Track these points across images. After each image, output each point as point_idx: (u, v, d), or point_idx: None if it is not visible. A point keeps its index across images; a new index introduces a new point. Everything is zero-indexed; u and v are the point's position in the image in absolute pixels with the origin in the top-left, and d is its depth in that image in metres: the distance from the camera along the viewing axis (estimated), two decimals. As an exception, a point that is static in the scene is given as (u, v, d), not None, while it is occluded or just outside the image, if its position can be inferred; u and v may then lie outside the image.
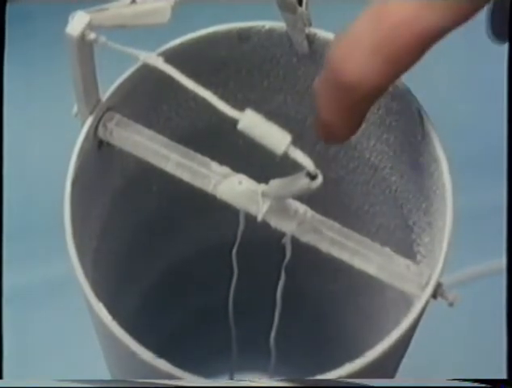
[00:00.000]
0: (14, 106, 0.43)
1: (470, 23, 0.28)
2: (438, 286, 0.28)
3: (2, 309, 0.40)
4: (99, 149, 0.31)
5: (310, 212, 0.29)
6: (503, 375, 0.40)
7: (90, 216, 0.32)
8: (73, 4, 0.29)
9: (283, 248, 0.31)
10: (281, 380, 0.27)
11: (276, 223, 0.29)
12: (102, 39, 0.27)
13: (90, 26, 0.27)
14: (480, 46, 0.60)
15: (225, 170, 0.29)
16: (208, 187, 0.29)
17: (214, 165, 0.30)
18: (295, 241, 0.29)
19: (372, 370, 0.26)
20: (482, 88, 0.59)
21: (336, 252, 0.29)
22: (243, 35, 0.32)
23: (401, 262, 0.28)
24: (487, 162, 0.53)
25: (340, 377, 0.26)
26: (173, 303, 0.45)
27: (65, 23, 0.27)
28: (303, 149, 0.26)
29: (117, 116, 0.30)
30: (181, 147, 0.30)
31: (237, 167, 0.29)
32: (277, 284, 0.34)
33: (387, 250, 0.29)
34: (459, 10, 0.25)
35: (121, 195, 0.34)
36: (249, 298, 0.40)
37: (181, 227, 0.41)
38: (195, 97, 0.26)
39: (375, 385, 0.28)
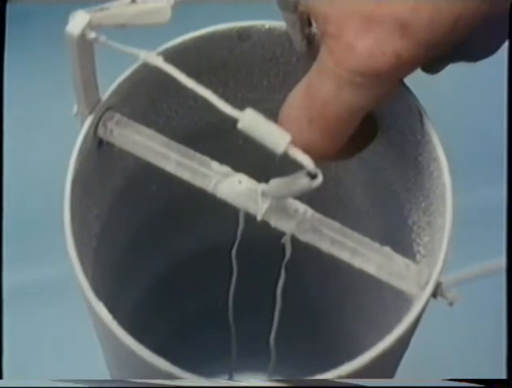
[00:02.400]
0: (14, 105, 0.43)
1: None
2: (438, 286, 0.28)
3: (2, 309, 0.40)
4: (99, 149, 0.31)
5: (310, 212, 0.29)
6: (503, 375, 0.40)
7: (89, 215, 0.32)
8: (73, 4, 0.29)
9: (283, 248, 0.31)
10: (280, 380, 0.27)
11: (276, 222, 0.29)
12: (103, 38, 0.27)
13: (91, 25, 0.27)
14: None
15: (225, 169, 0.29)
16: (208, 187, 0.29)
17: (214, 164, 0.30)
18: (294, 240, 0.29)
19: (372, 370, 0.26)
20: (482, 87, 0.59)
21: (336, 252, 0.29)
22: (243, 35, 0.32)
23: (401, 261, 0.28)
24: (487, 161, 0.53)
25: (339, 377, 0.26)
26: (172, 303, 0.45)
27: (65, 22, 0.27)
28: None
29: (117, 116, 0.30)
30: (181, 146, 0.30)
31: (237, 167, 0.29)
32: (277, 283, 0.34)
33: (386, 249, 0.29)
34: (380, 81, 0.26)
35: (121, 194, 0.34)
36: (249, 298, 0.40)
37: (181, 226, 0.41)
38: (195, 96, 0.26)
39: (375, 385, 0.28)
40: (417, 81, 0.31)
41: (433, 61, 0.28)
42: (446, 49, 0.26)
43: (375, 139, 0.33)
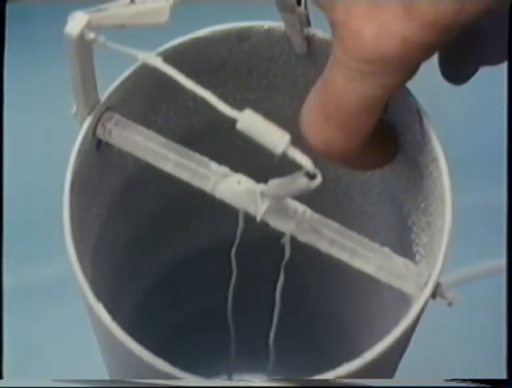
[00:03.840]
0: (13, 106, 0.43)
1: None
2: (437, 286, 0.28)
3: (2, 309, 0.40)
4: (98, 149, 0.31)
5: (309, 212, 0.29)
6: (503, 375, 0.40)
7: (89, 215, 0.32)
8: (73, 4, 0.29)
9: (282, 248, 0.31)
10: (279, 380, 0.27)
11: (275, 223, 0.29)
12: (101, 39, 0.27)
13: (89, 26, 0.27)
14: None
15: (224, 169, 0.29)
16: (207, 187, 0.29)
17: (213, 165, 0.30)
18: (294, 241, 0.29)
19: (371, 370, 0.26)
20: (481, 87, 0.59)
21: (335, 252, 0.29)
22: (242, 35, 0.32)
23: (400, 262, 0.28)
24: (487, 161, 0.53)
25: (338, 377, 0.26)
26: (172, 303, 0.45)
27: (65, 23, 0.27)
28: (302, 148, 0.26)
29: (116, 116, 0.30)
30: (180, 147, 0.30)
31: (236, 167, 0.29)
32: (276, 284, 0.34)
33: (386, 250, 0.29)
34: (395, 73, 0.26)
35: (120, 194, 0.34)
36: (248, 298, 0.40)
37: (180, 227, 0.41)
38: (194, 97, 0.26)
39: (374, 385, 0.28)
40: (416, 81, 0.31)
41: (454, 67, 0.28)
42: (455, 33, 0.25)
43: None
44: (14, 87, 0.43)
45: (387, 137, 0.30)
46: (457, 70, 0.30)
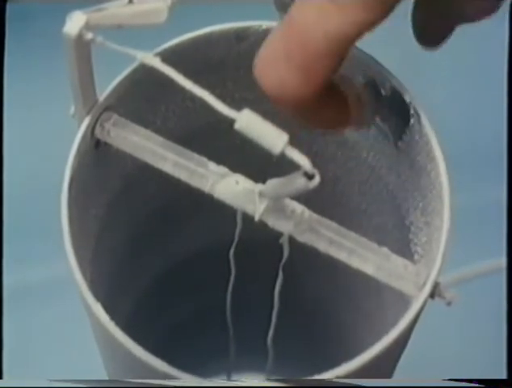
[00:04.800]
0: (13, 106, 0.43)
1: (469, 26, 0.28)
2: (436, 286, 0.28)
3: (2, 309, 0.40)
4: (97, 149, 0.31)
5: (307, 212, 0.29)
6: (503, 375, 0.40)
7: (87, 216, 0.32)
8: (73, 4, 0.29)
9: (281, 248, 0.31)
10: (278, 380, 0.27)
11: (273, 223, 0.29)
12: (100, 39, 0.27)
13: (88, 26, 0.27)
14: (480, 45, 0.60)
15: (222, 169, 0.29)
16: (206, 187, 0.29)
17: (211, 165, 0.30)
18: (292, 241, 0.29)
19: (370, 370, 0.26)
20: (481, 87, 0.59)
21: (333, 252, 0.29)
22: (240, 35, 0.32)
23: (399, 262, 0.28)
24: (486, 161, 0.53)
25: (337, 377, 0.26)
26: (170, 303, 0.45)
27: (64, 22, 0.27)
28: (300, 148, 0.26)
29: (114, 116, 0.30)
30: (178, 147, 0.30)
31: (235, 167, 0.29)
32: (275, 284, 0.34)
33: (384, 249, 0.29)
34: (368, 9, 0.24)
35: (119, 194, 0.34)
36: (247, 298, 0.40)
37: (178, 227, 0.41)
38: (193, 97, 0.26)
39: (373, 385, 0.28)
40: (415, 81, 0.31)
41: (429, 26, 0.28)
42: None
43: (372, 138, 0.33)
44: (14, 87, 0.43)
45: (343, 96, 0.29)
46: (432, 31, 0.29)
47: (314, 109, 0.27)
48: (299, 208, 0.29)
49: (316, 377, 0.26)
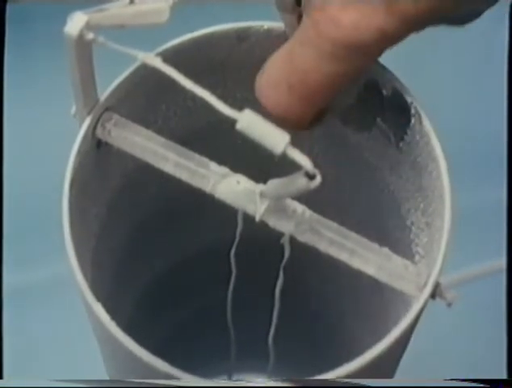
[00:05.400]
0: (13, 106, 0.43)
1: (469, 26, 0.28)
2: (437, 286, 0.28)
3: (2, 309, 0.40)
4: (98, 150, 0.31)
5: (308, 212, 0.29)
6: (503, 375, 0.40)
7: (88, 216, 0.32)
8: (73, 4, 0.29)
9: (282, 248, 0.31)
10: (279, 380, 0.27)
11: (274, 223, 0.29)
12: (101, 39, 0.27)
13: (89, 26, 0.27)
14: (480, 45, 0.60)
15: (224, 170, 0.29)
16: (207, 187, 0.29)
17: (212, 165, 0.30)
18: (293, 241, 0.29)
19: (371, 370, 0.26)
20: (481, 88, 0.59)
21: (334, 252, 0.29)
22: (242, 35, 0.32)
23: (400, 262, 0.28)
24: (487, 162, 0.54)
25: (338, 377, 0.26)
26: (171, 303, 0.45)
27: (65, 23, 0.27)
28: (301, 149, 0.26)
29: (115, 116, 0.30)
30: (179, 147, 0.30)
31: (236, 167, 0.29)
32: (275, 284, 0.34)
33: (385, 250, 0.29)
34: (362, 54, 0.26)
35: (120, 194, 0.34)
36: (248, 298, 0.40)
37: (179, 227, 0.41)
38: (194, 97, 0.26)
39: (374, 385, 0.28)
40: (416, 81, 0.31)
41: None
42: (433, 24, 0.26)
43: (373, 139, 0.33)
44: (14, 87, 0.43)
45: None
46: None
47: (309, 122, 0.28)
48: (300, 208, 0.29)
49: (318, 377, 0.26)
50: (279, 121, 0.27)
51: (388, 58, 0.31)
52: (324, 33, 0.25)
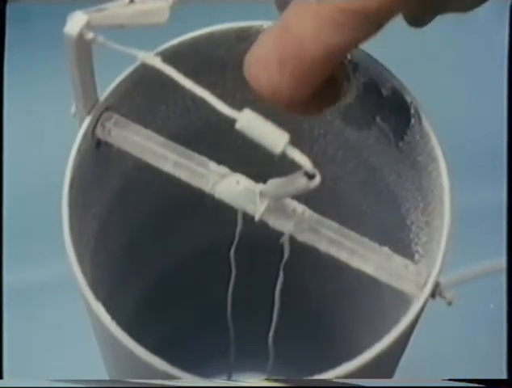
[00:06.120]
0: (13, 105, 0.43)
1: (469, 26, 0.28)
2: (437, 286, 0.28)
3: (2, 309, 0.40)
4: (97, 149, 0.31)
5: (308, 212, 0.29)
6: (503, 375, 0.40)
7: (88, 215, 0.32)
8: (73, 4, 0.29)
9: (281, 248, 0.31)
10: (279, 380, 0.27)
11: (274, 223, 0.29)
12: (101, 38, 0.27)
13: (89, 26, 0.27)
14: (480, 45, 0.60)
15: (223, 169, 0.29)
16: (206, 187, 0.29)
17: (212, 164, 0.30)
18: (293, 240, 0.29)
19: (370, 370, 0.26)
20: (482, 87, 0.59)
21: (334, 252, 0.29)
22: (241, 35, 0.32)
23: (399, 261, 0.28)
24: (487, 161, 0.53)
25: (338, 377, 0.26)
26: (171, 303, 0.45)
27: (65, 22, 0.27)
28: (301, 148, 0.26)
29: (115, 116, 0.30)
30: (179, 147, 0.30)
31: (235, 167, 0.29)
32: (275, 283, 0.34)
33: (385, 249, 0.29)
34: (367, 21, 0.24)
35: (119, 194, 0.34)
36: (248, 298, 0.40)
37: (179, 227, 0.41)
38: (193, 97, 0.26)
39: (373, 385, 0.28)
40: (416, 81, 0.31)
41: (419, 13, 0.28)
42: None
43: (373, 138, 0.33)
44: (14, 87, 0.44)
45: (333, 82, 0.29)
46: (422, 15, 0.29)
47: (307, 103, 0.27)
48: (299, 207, 0.29)
49: (317, 376, 0.26)
50: (271, 103, 0.26)
51: (387, 58, 0.31)
52: None
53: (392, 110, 0.31)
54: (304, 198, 0.28)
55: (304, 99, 0.26)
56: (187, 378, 0.26)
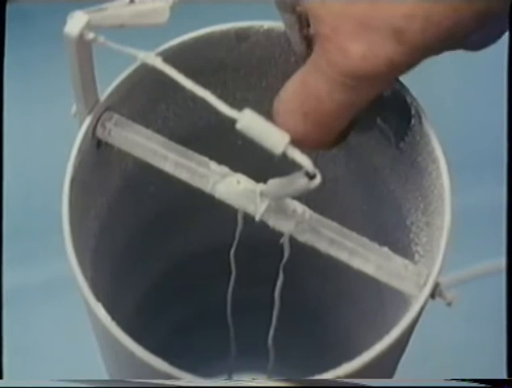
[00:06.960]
0: (13, 106, 0.43)
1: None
2: (437, 286, 0.28)
3: (2, 309, 0.40)
4: (98, 149, 0.31)
5: (308, 212, 0.29)
6: (503, 375, 0.40)
7: (88, 216, 0.32)
8: (73, 4, 0.29)
9: (282, 248, 0.31)
10: (279, 380, 0.27)
11: (274, 223, 0.29)
12: (101, 38, 0.27)
13: (89, 26, 0.27)
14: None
15: (224, 169, 0.29)
16: (207, 187, 0.29)
17: (212, 164, 0.30)
18: (293, 241, 0.29)
19: (370, 370, 0.26)
20: (481, 88, 0.59)
21: (334, 252, 0.29)
22: (241, 35, 0.32)
23: (399, 262, 0.28)
24: (487, 162, 0.53)
25: (338, 377, 0.26)
26: (171, 303, 0.45)
27: (65, 22, 0.27)
28: (301, 148, 0.26)
29: (115, 116, 0.30)
30: (179, 147, 0.30)
31: (236, 167, 0.29)
32: (275, 284, 0.34)
33: (385, 249, 0.29)
34: (372, 84, 0.26)
35: (120, 194, 0.34)
36: (248, 298, 0.40)
37: (179, 227, 0.41)
38: (194, 97, 0.26)
39: (374, 385, 0.28)
40: (416, 81, 0.31)
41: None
42: (442, 51, 0.26)
43: (374, 139, 0.33)
44: (15, 87, 0.43)
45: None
46: None
47: (328, 144, 0.29)
48: (300, 208, 0.29)
49: (317, 376, 0.26)
50: (299, 146, 0.27)
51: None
52: (333, 63, 0.25)
53: (393, 110, 0.31)
54: (305, 198, 0.28)
55: (329, 143, 0.28)
56: (188, 378, 0.26)
